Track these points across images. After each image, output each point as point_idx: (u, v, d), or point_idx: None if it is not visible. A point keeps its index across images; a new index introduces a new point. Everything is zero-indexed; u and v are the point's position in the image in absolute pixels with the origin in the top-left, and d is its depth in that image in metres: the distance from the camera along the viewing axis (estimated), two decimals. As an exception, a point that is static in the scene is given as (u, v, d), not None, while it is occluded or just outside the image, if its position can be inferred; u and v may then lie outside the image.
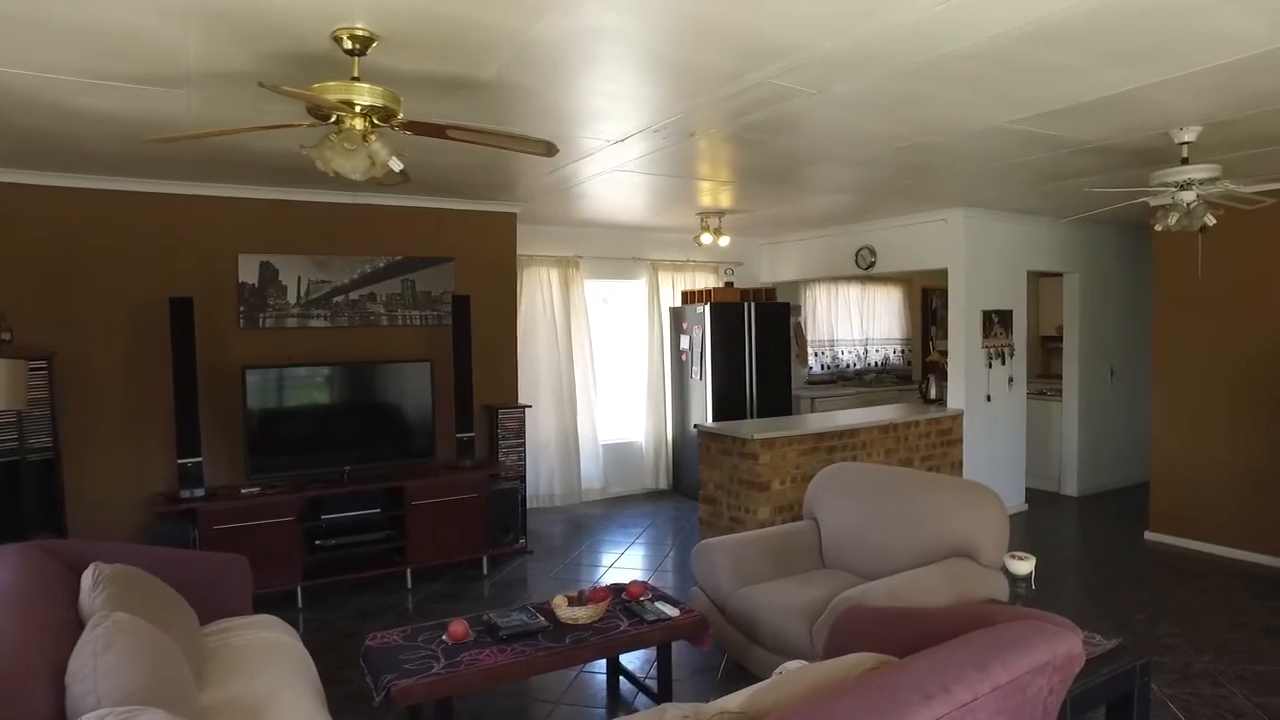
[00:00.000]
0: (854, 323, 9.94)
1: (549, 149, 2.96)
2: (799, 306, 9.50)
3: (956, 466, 6.91)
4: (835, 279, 9.75)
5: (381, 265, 6.01)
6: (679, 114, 3.86)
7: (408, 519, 5.43)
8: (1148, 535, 6.49)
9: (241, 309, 5.52)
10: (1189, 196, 4.19)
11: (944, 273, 7.12)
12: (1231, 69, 3.23)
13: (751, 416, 7.94)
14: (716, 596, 4.27)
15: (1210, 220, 4.20)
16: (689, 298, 8.24)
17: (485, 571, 5.81)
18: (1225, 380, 5.99)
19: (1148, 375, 6.80)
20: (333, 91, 2.66)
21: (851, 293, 9.93)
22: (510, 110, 3.74)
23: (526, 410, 6.46)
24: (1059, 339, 9.42)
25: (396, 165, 2.79)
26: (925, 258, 7.28)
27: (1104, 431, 8.19)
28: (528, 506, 7.54)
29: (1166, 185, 4.24)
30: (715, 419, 7.75)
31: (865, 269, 7.82)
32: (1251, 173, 4.79)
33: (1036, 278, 9.50)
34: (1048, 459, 8.26)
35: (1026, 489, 8.02)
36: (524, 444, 6.35)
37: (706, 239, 7.18)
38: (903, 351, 10.45)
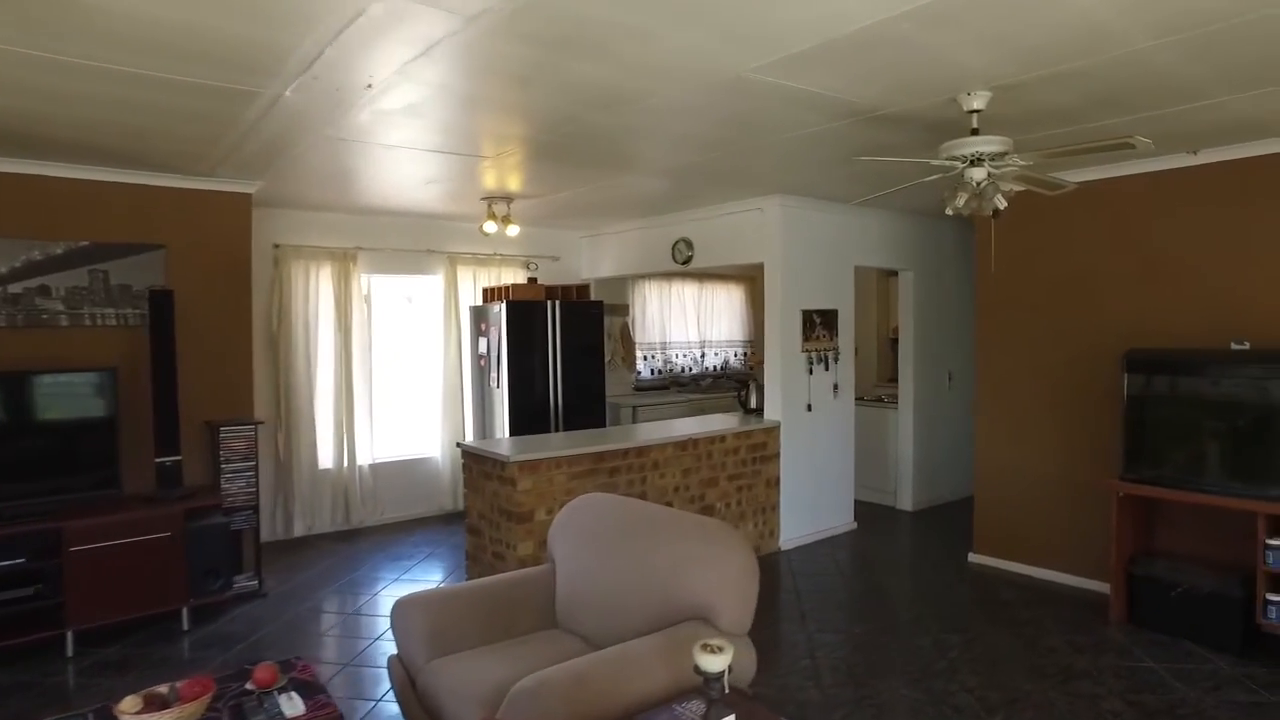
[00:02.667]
0: (689, 323, 9.20)
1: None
2: (627, 306, 8.69)
3: (773, 484, 6.20)
4: (669, 276, 8.99)
5: (59, 252, 4.85)
6: (313, 57, 2.94)
7: (65, 569, 4.30)
8: (971, 557, 5.92)
9: None
10: (979, 174, 3.51)
11: (762, 268, 6.42)
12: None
13: (557, 429, 7.07)
14: (412, 668, 3.36)
15: (1001, 203, 3.53)
16: (490, 295, 7.31)
17: (187, 626, 4.72)
18: (1046, 386, 5.44)
19: (974, 381, 6.28)
20: None
21: (687, 291, 9.19)
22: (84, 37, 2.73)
23: (259, 426, 5.39)
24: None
25: None
26: (741, 251, 6.56)
27: (941, 440, 7.67)
28: (283, 538, 6.58)
29: (954, 159, 3.56)
30: (513, 432, 6.84)
31: (682, 263, 7.05)
32: (1046, 148, 4.18)
33: (886, 276, 9.00)
34: (884, 471, 7.69)
35: (862, 504, 7.44)
36: (254, 466, 5.27)
37: (491, 227, 6.26)
38: (744, 354, 9.78)
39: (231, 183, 5.36)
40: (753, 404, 6.60)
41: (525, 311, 6.95)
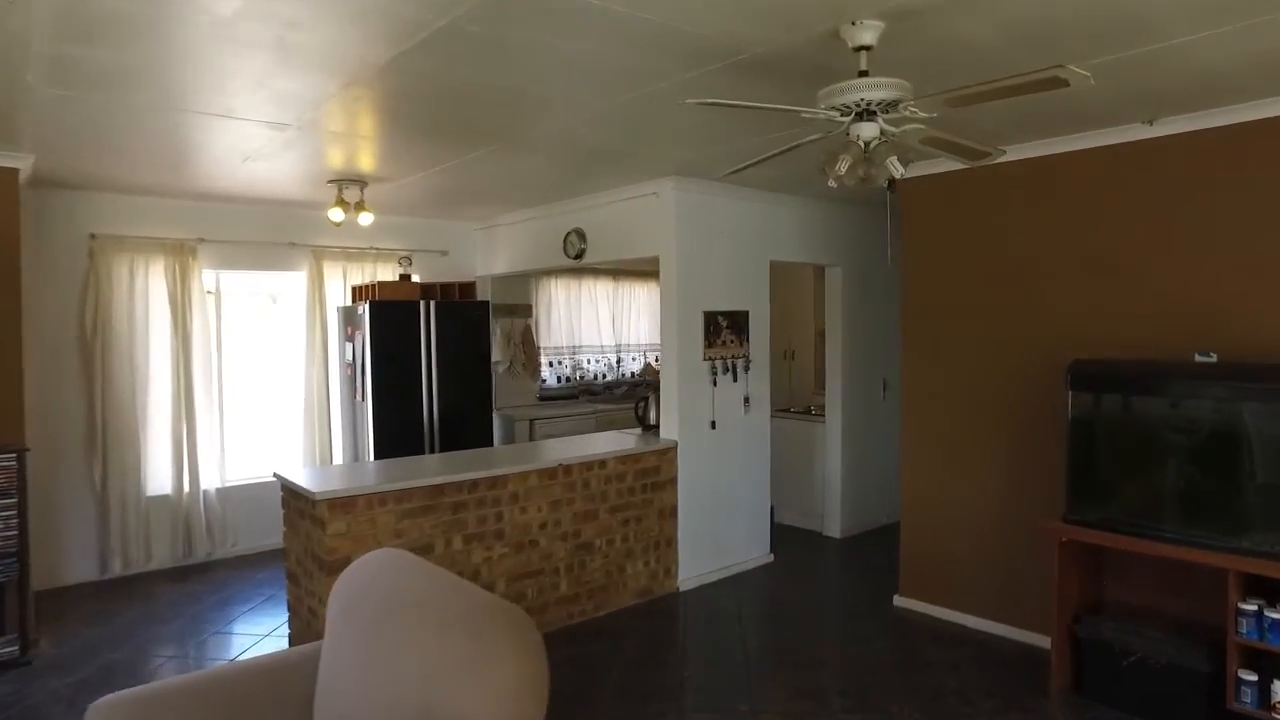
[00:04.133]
0: (603, 325, 8.30)
1: None
2: (530, 306, 7.77)
3: (669, 515, 5.30)
4: (578, 273, 8.08)
5: None
6: None
7: None
8: (897, 601, 5.06)
9: None
10: (869, 131, 2.64)
11: (661, 263, 5.51)
12: None
13: (432, 449, 6.14)
14: (92, 806, 2.42)
15: (897, 170, 2.65)
16: (358, 295, 6.35)
17: (-107, 714, 3.73)
18: (982, 403, 4.60)
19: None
20: None
21: (600, 289, 8.29)
22: None
23: (27, 454, 4.38)
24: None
25: None
26: (636, 243, 5.66)
27: (873, 458, 6.82)
28: (97, 579, 5.59)
29: (836, 110, 2.68)
30: (379, 454, 5.90)
31: (575, 258, 6.14)
32: (949, 89, 3.32)
33: (824, 272, 8.15)
34: (811, 492, 6.84)
35: (787, 530, 6.64)
36: (18, 504, 4.27)
37: (337, 215, 5.30)
38: (668, 360, 8.88)
39: (-11, 153, 4.36)
40: (653, 419, 5.71)
41: (394, 313, 6.01)
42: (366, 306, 5.90)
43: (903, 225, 4.92)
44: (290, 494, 4.26)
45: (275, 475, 4.43)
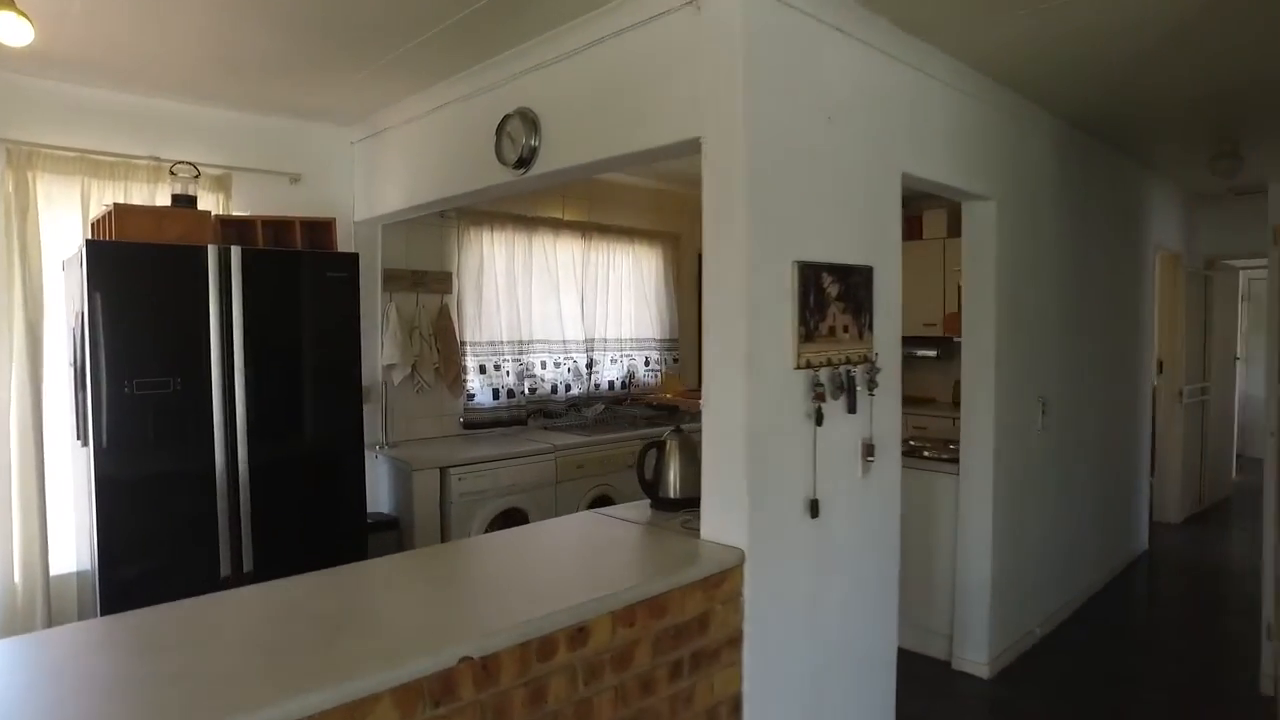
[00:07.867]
0: (566, 308, 5.31)
1: None
2: (449, 274, 4.77)
3: (726, 717, 2.35)
4: (528, 222, 5.08)
5: None
6: None
7: None
8: None
9: None
10: None
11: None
12: None
13: (238, 553, 3.10)
14: None
15: None
16: (96, 232, 3.29)
17: None
18: None
19: (1123, 405, 2.77)
20: None
21: (561, 251, 5.29)
22: None
23: None
24: (930, 340, 5.50)
25: None
26: (649, 115, 2.64)
27: (1029, 526, 3.99)
28: None
29: None
30: (108, 572, 2.87)
31: (518, 166, 3.12)
32: None
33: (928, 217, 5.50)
34: (930, 592, 3.96)
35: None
36: None
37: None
38: (667, 361, 5.89)
39: None
40: (672, 488, 2.76)
41: (154, 269, 2.98)
42: (84, 251, 2.86)
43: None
44: None
45: None
